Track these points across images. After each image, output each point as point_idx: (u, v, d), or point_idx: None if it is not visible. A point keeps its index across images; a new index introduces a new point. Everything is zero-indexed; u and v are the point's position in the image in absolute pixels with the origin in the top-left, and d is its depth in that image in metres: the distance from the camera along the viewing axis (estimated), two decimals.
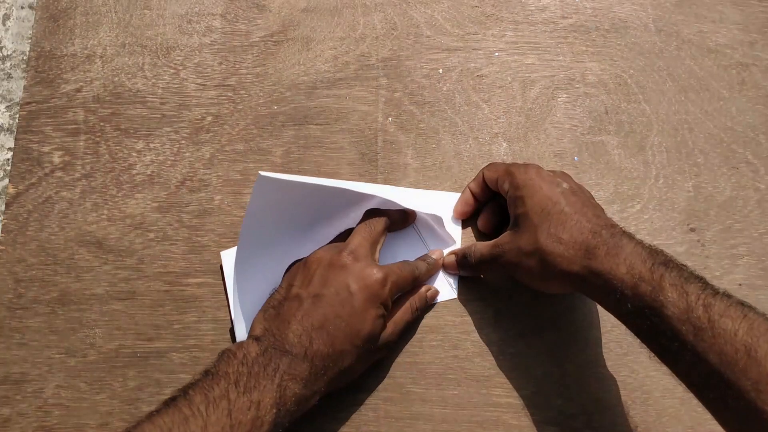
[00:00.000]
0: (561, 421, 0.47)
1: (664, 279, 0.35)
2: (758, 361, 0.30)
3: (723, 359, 0.31)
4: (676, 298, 0.34)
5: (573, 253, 0.40)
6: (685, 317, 0.33)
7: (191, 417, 0.34)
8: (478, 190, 0.50)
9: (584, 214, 0.41)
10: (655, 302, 0.35)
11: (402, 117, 0.56)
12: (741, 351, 0.31)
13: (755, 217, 0.52)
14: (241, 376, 0.37)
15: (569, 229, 0.41)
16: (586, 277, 0.39)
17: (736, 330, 0.32)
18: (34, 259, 0.52)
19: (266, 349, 0.39)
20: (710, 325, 0.32)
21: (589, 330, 0.50)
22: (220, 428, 0.34)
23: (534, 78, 0.57)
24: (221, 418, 0.35)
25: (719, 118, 0.55)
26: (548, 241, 0.41)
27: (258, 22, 0.59)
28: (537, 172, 0.45)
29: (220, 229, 0.53)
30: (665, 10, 0.59)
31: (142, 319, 0.50)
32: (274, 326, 0.41)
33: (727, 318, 0.32)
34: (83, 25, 0.59)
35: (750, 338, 0.31)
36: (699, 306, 0.33)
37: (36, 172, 0.55)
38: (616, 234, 0.39)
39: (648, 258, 0.37)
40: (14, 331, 0.50)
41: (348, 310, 0.42)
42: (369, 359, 0.45)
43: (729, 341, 0.31)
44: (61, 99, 0.57)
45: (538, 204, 0.43)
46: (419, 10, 0.59)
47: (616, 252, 0.38)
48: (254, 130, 0.56)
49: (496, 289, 0.51)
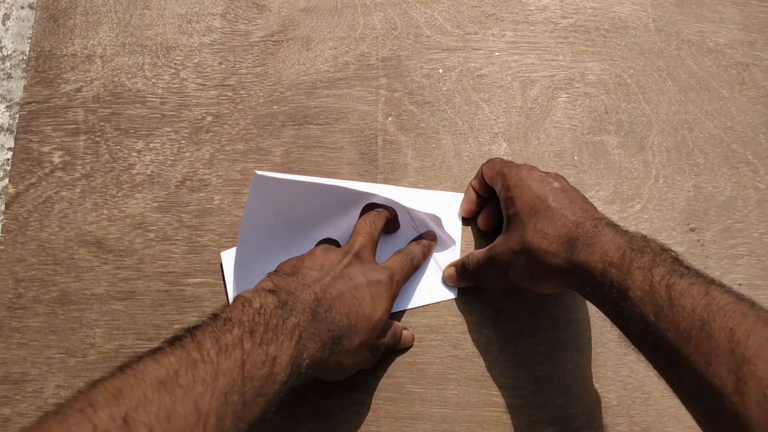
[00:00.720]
0: (561, 421, 0.47)
1: (633, 263, 0.35)
2: (710, 335, 0.30)
3: (679, 336, 0.31)
4: (641, 281, 0.34)
5: (557, 247, 0.40)
6: (648, 299, 0.33)
7: (200, 361, 0.30)
8: (479, 186, 0.51)
9: (570, 209, 0.41)
10: (622, 286, 0.35)
11: (402, 117, 0.56)
12: (696, 326, 0.31)
13: (755, 217, 0.52)
14: (257, 326, 0.34)
15: (554, 223, 0.40)
16: (569, 270, 0.39)
17: (694, 306, 0.31)
18: (34, 259, 0.52)
19: (285, 302, 0.37)
20: (670, 304, 0.32)
21: (589, 330, 0.50)
22: (231, 380, 0.31)
23: (534, 78, 0.57)
24: (233, 368, 0.31)
25: (719, 118, 0.55)
26: (534, 237, 0.41)
27: (258, 22, 0.59)
28: (528, 173, 0.45)
29: (220, 229, 0.53)
30: (665, 10, 0.59)
31: (142, 319, 0.50)
32: (290, 286, 0.39)
33: (687, 296, 0.32)
34: (83, 25, 0.59)
35: (706, 314, 0.31)
36: (662, 286, 0.33)
37: (36, 172, 0.55)
38: (599, 224, 0.39)
39: (623, 245, 0.37)
40: (14, 331, 0.50)
41: (361, 294, 0.41)
42: (367, 356, 0.44)
43: (686, 318, 0.31)
44: (61, 99, 0.57)
45: (527, 203, 0.43)
46: (419, 10, 0.59)
47: (593, 241, 0.38)
48: (254, 130, 0.56)
49: (496, 289, 0.51)
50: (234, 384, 0.31)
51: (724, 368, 0.29)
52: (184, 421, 0.28)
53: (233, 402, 0.31)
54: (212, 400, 0.30)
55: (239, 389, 0.31)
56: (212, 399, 0.30)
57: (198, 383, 0.30)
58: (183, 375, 0.30)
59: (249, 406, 0.32)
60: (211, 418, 0.30)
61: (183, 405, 0.29)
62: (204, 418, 0.29)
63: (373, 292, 0.42)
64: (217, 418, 0.30)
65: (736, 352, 0.29)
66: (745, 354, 0.28)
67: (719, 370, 0.29)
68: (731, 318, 0.30)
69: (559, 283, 0.41)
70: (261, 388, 0.33)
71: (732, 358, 0.29)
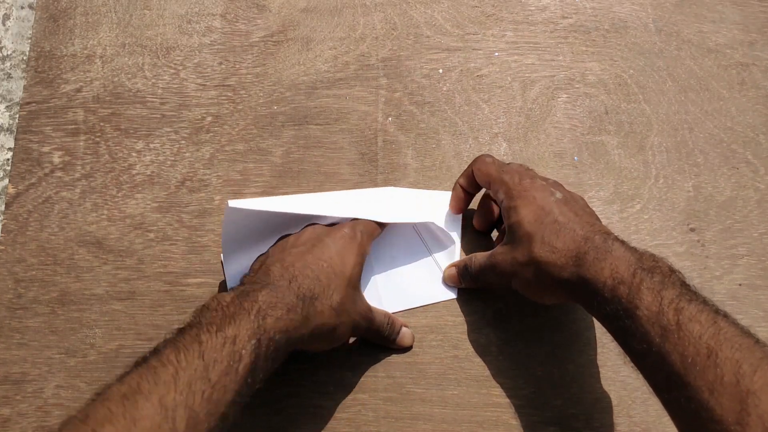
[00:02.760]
0: (561, 421, 0.47)
1: (642, 283, 0.36)
2: (717, 365, 0.31)
3: (684, 361, 0.32)
4: (650, 302, 0.35)
5: (565, 261, 0.40)
6: (655, 319, 0.34)
7: (160, 367, 0.32)
8: (467, 183, 0.50)
9: (578, 222, 0.41)
10: (630, 304, 0.35)
11: (402, 117, 0.56)
12: (702, 354, 0.31)
13: (755, 217, 0.52)
14: (214, 319, 0.35)
15: (562, 237, 0.41)
16: (576, 284, 0.39)
17: (701, 334, 0.32)
18: (34, 259, 0.52)
19: (242, 290, 0.38)
20: (678, 328, 0.33)
21: (589, 330, 0.50)
22: (192, 371, 0.32)
23: (534, 78, 0.57)
24: (193, 360, 0.32)
25: (719, 118, 0.55)
26: (542, 251, 0.41)
27: (258, 22, 0.59)
28: (531, 183, 0.45)
29: (220, 229, 0.53)
30: (665, 10, 0.59)
31: (142, 319, 0.50)
32: (255, 278, 0.41)
33: (695, 322, 0.33)
34: (83, 25, 0.59)
35: (713, 342, 0.31)
36: (670, 310, 0.34)
37: (36, 172, 0.55)
38: (609, 239, 0.39)
39: (634, 263, 0.37)
40: (14, 331, 0.50)
41: (327, 255, 0.42)
42: (356, 318, 0.43)
43: (693, 344, 0.32)
44: (61, 99, 0.57)
45: (531, 214, 0.43)
46: (419, 10, 0.59)
47: (603, 257, 0.38)
48: (254, 130, 0.56)
49: (496, 289, 0.51)
50: (196, 373, 0.32)
51: (727, 398, 0.30)
52: (150, 422, 0.30)
53: (200, 390, 0.32)
54: (177, 395, 0.31)
55: (202, 376, 0.32)
56: (176, 394, 0.31)
57: (160, 385, 0.31)
58: (144, 383, 0.31)
59: (219, 387, 0.33)
60: (180, 411, 0.30)
61: (147, 407, 0.30)
62: (171, 413, 0.30)
63: (338, 248, 0.43)
64: (186, 409, 0.31)
65: (741, 384, 0.29)
66: (751, 388, 0.29)
67: (722, 399, 0.30)
68: (738, 351, 0.31)
69: (565, 296, 0.42)
70: (227, 368, 0.33)
71: (737, 390, 0.29)
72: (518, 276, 0.43)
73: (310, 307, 0.39)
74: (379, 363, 0.48)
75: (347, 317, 0.42)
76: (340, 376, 0.48)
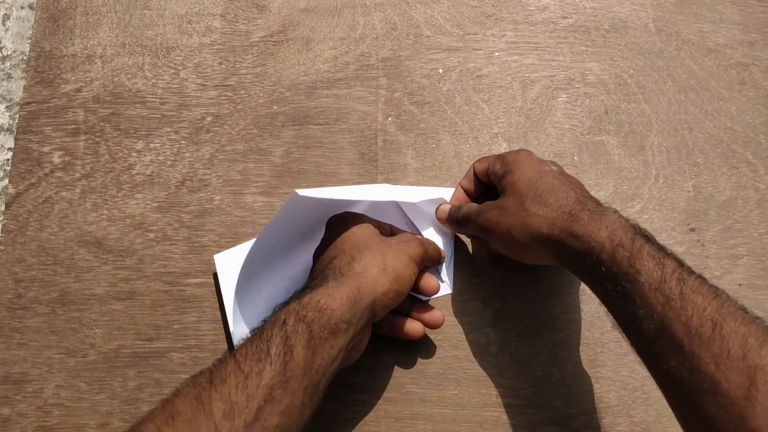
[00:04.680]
0: (561, 421, 0.47)
1: (643, 249, 0.35)
2: (723, 337, 0.30)
3: (688, 331, 0.32)
4: (653, 268, 0.34)
5: (556, 216, 0.40)
6: (657, 287, 0.34)
7: (216, 372, 0.34)
8: (469, 185, 0.50)
9: (571, 188, 0.42)
10: (630, 268, 0.35)
11: (402, 117, 0.56)
12: (707, 325, 0.31)
13: (755, 217, 0.52)
14: (265, 326, 0.37)
15: (555, 194, 0.41)
16: (565, 240, 0.39)
17: (705, 306, 0.32)
18: (34, 259, 0.52)
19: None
20: (681, 297, 0.33)
21: (589, 330, 0.50)
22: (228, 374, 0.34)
23: (534, 78, 0.57)
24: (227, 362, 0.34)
25: (719, 118, 0.55)
26: (533, 204, 0.41)
27: (258, 22, 0.59)
28: (527, 154, 0.46)
29: (220, 229, 0.53)
30: (665, 10, 0.59)
31: (142, 319, 0.50)
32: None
33: (698, 294, 0.32)
34: (83, 25, 0.59)
35: (718, 314, 0.31)
36: (673, 278, 0.33)
37: (36, 172, 0.55)
38: (602, 206, 0.40)
39: (630, 229, 0.37)
40: (14, 331, 0.50)
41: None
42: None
43: (697, 314, 0.32)
44: (61, 99, 0.57)
45: (526, 175, 0.43)
46: (419, 10, 0.59)
47: (599, 218, 0.38)
48: (254, 130, 0.56)
49: (496, 289, 0.51)
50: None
51: (734, 371, 0.29)
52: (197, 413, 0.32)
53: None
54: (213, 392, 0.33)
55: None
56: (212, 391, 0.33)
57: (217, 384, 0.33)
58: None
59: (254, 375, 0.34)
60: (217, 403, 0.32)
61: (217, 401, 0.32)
62: (207, 406, 0.32)
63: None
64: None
65: (748, 359, 0.29)
66: (759, 362, 0.29)
67: (729, 373, 0.29)
68: (743, 324, 0.31)
69: (549, 255, 0.41)
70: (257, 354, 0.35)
71: (744, 364, 0.29)
72: (501, 227, 0.43)
73: (337, 276, 0.40)
74: (379, 363, 0.48)
75: (389, 251, 0.42)
76: (340, 376, 0.48)
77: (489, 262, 0.51)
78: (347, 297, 0.38)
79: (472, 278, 0.51)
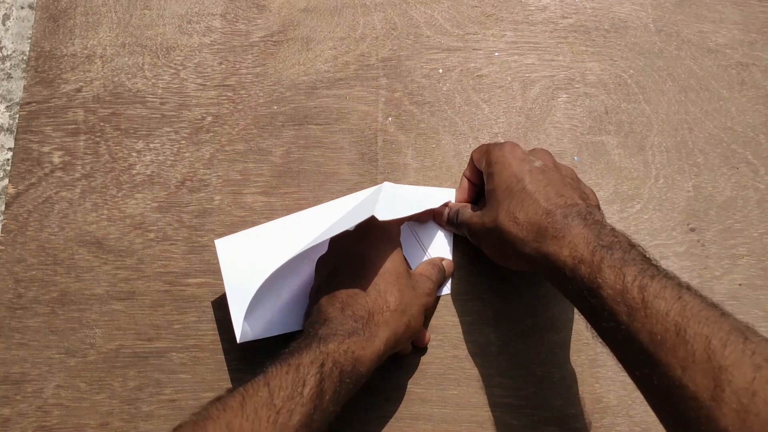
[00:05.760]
0: (561, 421, 0.47)
1: (603, 261, 0.36)
2: (686, 341, 0.31)
3: (653, 338, 0.32)
4: (613, 280, 0.35)
5: (525, 235, 0.40)
6: (620, 298, 0.34)
7: (228, 396, 0.35)
8: (471, 174, 0.51)
9: (544, 194, 0.41)
10: (593, 284, 0.35)
11: (402, 117, 0.56)
12: (671, 330, 0.31)
13: (755, 217, 0.52)
14: (280, 355, 0.38)
15: (526, 208, 0.41)
16: (538, 259, 0.40)
17: (668, 310, 0.32)
18: (34, 259, 0.52)
19: (304, 332, 0.41)
20: (643, 306, 0.33)
21: (589, 330, 0.49)
22: (258, 397, 0.34)
23: (534, 78, 0.57)
24: (258, 388, 0.35)
25: (719, 118, 0.55)
26: (505, 221, 0.42)
27: (258, 22, 0.59)
28: (511, 150, 0.45)
29: (220, 229, 0.53)
30: (665, 10, 0.59)
31: (142, 319, 0.51)
32: (313, 316, 0.42)
33: (660, 299, 0.33)
34: (83, 25, 0.59)
35: (681, 318, 0.31)
36: (634, 287, 0.34)
37: (36, 172, 0.55)
38: (569, 215, 0.39)
39: (592, 240, 0.37)
40: (14, 331, 0.50)
41: (367, 265, 0.43)
42: (419, 297, 0.45)
43: (660, 321, 0.32)
44: (61, 99, 0.57)
45: (504, 182, 0.43)
46: (419, 10, 0.59)
47: (562, 234, 0.38)
48: (254, 130, 0.56)
49: (496, 289, 0.51)
50: (261, 399, 0.35)
51: (700, 374, 0.30)
52: None
53: (265, 415, 0.34)
54: (243, 420, 0.33)
55: (267, 402, 0.35)
56: (243, 419, 0.33)
57: (227, 411, 0.34)
58: (213, 410, 0.34)
59: (285, 412, 0.35)
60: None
61: (215, 430, 0.33)
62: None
63: (372, 254, 0.44)
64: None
65: (712, 360, 0.29)
66: (722, 363, 0.29)
67: (695, 376, 0.30)
68: (706, 325, 0.31)
69: (529, 268, 0.42)
70: (291, 392, 0.35)
71: (709, 366, 0.29)
72: (485, 241, 0.45)
73: (371, 325, 0.40)
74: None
75: (413, 307, 0.43)
76: None
77: (489, 262, 0.51)
78: (376, 355, 0.40)
79: (472, 278, 0.51)
